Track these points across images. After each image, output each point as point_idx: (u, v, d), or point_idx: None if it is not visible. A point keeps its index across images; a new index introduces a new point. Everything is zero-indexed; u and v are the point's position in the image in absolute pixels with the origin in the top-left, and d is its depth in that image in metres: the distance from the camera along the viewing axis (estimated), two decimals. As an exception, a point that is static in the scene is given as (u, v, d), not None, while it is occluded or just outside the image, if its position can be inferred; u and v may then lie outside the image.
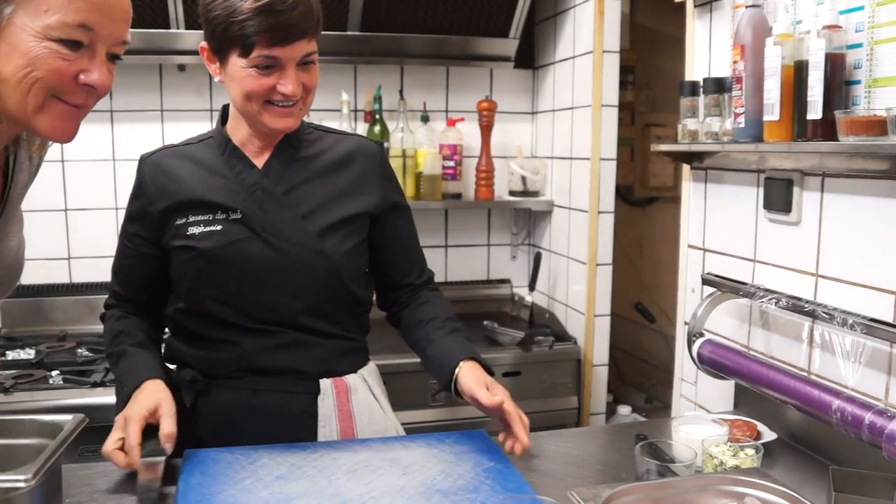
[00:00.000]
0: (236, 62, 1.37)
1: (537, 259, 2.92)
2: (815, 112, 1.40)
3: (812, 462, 1.49)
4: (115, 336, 1.54)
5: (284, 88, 1.37)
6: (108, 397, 2.04)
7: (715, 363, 1.69)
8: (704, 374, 1.78)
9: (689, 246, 2.04)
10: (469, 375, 1.41)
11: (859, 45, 1.41)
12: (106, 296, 2.66)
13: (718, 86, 1.76)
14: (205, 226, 1.45)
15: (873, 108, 1.37)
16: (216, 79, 1.45)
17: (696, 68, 1.99)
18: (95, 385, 2.09)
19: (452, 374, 1.43)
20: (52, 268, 2.74)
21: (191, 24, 2.50)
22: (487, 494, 1.23)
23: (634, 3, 3.36)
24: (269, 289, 1.45)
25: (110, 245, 2.74)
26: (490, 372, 1.47)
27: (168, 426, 1.34)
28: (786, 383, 1.47)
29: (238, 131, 1.50)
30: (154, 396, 1.38)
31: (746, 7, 1.59)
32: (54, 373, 2.20)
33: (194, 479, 1.29)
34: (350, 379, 1.53)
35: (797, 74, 1.47)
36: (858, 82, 1.41)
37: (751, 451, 1.33)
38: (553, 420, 2.50)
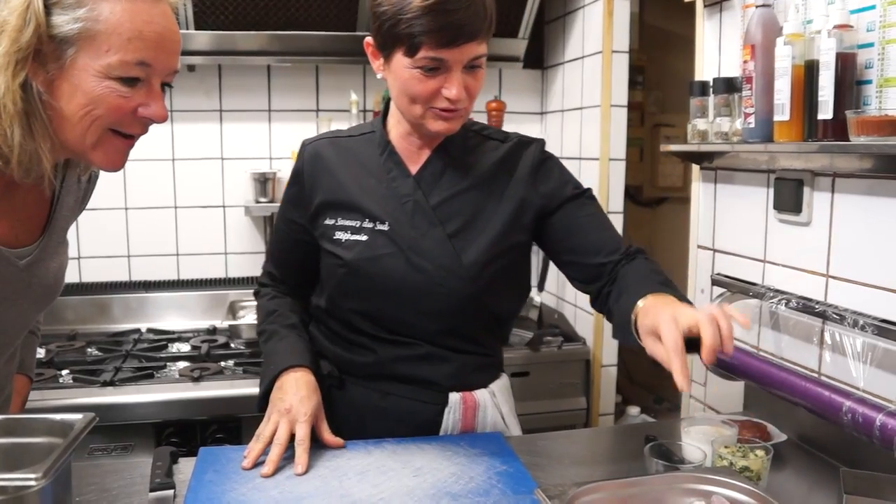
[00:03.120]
0: (401, 61, 1.32)
1: (546, 259, 2.92)
2: (825, 112, 1.39)
3: (822, 464, 1.48)
4: (269, 314, 1.56)
5: (449, 93, 1.31)
6: (117, 396, 2.06)
7: (725, 364, 1.69)
8: (714, 375, 1.78)
9: (699, 246, 2.04)
10: (643, 321, 1.18)
11: (870, 45, 1.40)
12: (114, 295, 2.72)
13: (728, 86, 1.75)
14: (351, 233, 1.43)
15: (885, 107, 1.37)
16: (378, 75, 1.39)
17: (705, 68, 1.98)
18: (105, 384, 2.10)
19: (631, 325, 1.22)
20: (62, 267, 2.75)
21: (200, 25, 2.51)
22: (498, 498, 1.22)
23: (644, 3, 3.36)
24: (407, 307, 1.43)
25: (120, 245, 2.79)
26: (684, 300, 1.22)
27: (329, 436, 1.41)
28: (796, 384, 1.47)
29: (397, 128, 1.46)
30: (316, 398, 1.41)
31: (756, 7, 1.59)
32: (64, 372, 2.22)
33: (207, 476, 1.29)
34: (479, 395, 1.50)
35: (808, 74, 1.46)
36: (870, 82, 1.40)
37: (760, 453, 1.33)
38: (562, 421, 2.50)
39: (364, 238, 1.42)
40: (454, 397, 1.48)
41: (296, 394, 1.39)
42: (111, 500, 1.25)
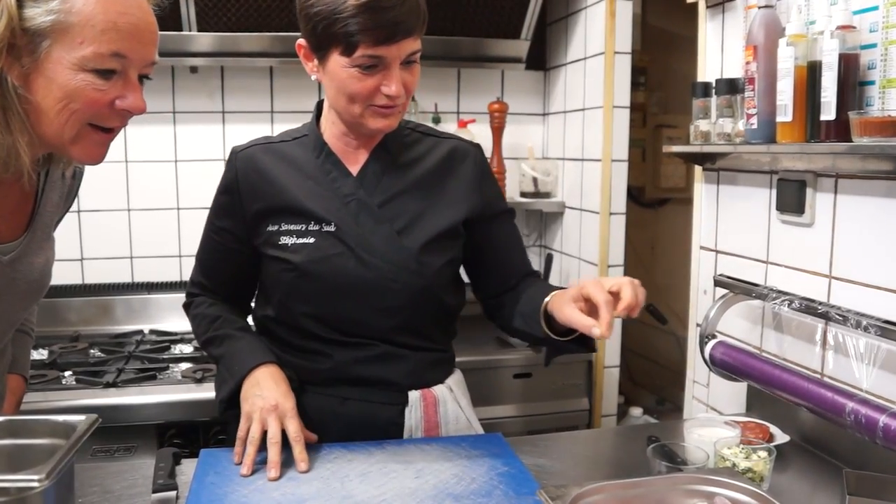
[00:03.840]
0: (338, 61, 1.31)
1: (549, 261, 2.92)
2: (828, 113, 1.39)
3: (825, 465, 1.48)
4: (213, 321, 1.54)
5: (388, 90, 1.32)
6: (120, 398, 2.06)
7: (727, 365, 1.69)
8: (717, 375, 1.77)
9: (702, 247, 2.03)
10: (557, 301, 1.29)
11: (873, 46, 1.40)
12: (116, 296, 2.73)
13: (731, 87, 1.75)
14: (297, 237, 1.42)
15: (887, 108, 1.36)
16: (313, 77, 1.39)
17: (708, 69, 1.98)
18: (108, 385, 2.10)
19: (541, 316, 1.34)
20: (64, 269, 2.75)
21: (203, 27, 2.51)
22: (500, 499, 1.22)
23: (646, 4, 3.35)
24: (361, 306, 1.43)
25: (122, 247, 2.79)
26: None
27: (305, 431, 1.39)
28: (799, 385, 1.46)
29: (332, 129, 1.46)
30: (293, 393, 1.40)
31: (759, 7, 1.59)
32: (67, 373, 2.22)
33: (208, 478, 1.29)
34: (438, 391, 1.51)
35: (810, 75, 1.46)
36: (872, 83, 1.40)
37: (763, 454, 1.33)
38: (564, 422, 2.50)
39: (311, 240, 1.41)
40: (414, 395, 1.48)
41: (276, 389, 1.38)
42: (114, 501, 1.25)
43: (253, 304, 1.62)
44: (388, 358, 1.46)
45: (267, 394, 1.37)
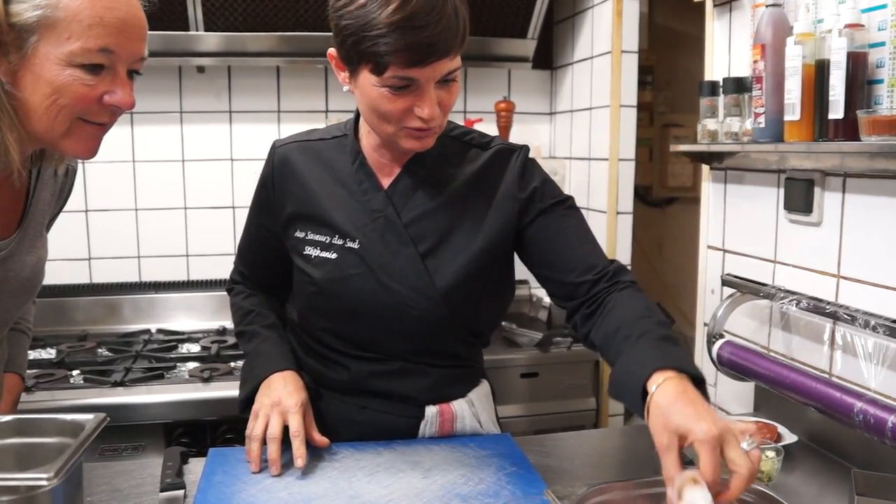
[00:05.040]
0: (368, 78, 1.22)
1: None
2: (836, 112, 1.39)
3: (834, 465, 1.48)
4: (246, 314, 1.54)
5: (421, 112, 1.22)
6: (127, 397, 2.06)
7: (735, 365, 1.68)
8: (724, 375, 1.77)
9: (709, 247, 2.03)
10: (657, 414, 1.03)
11: (882, 44, 1.39)
12: (124, 295, 2.74)
13: (738, 86, 1.75)
14: (321, 249, 1.38)
15: (896, 107, 1.36)
16: (345, 88, 1.31)
17: (715, 68, 1.98)
18: (116, 384, 2.10)
19: (642, 401, 1.08)
20: (72, 268, 2.76)
21: (210, 27, 2.51)
22: (508, 499, 1.22)
23: (653, 3, 3.35)
24: (378, 328, 1.39)
25: (130, 246, 2.80)
26: (699, 381, 1.09)
27: (317, 434, 1.38)
28: (807, 385, 1.46)
29: (368, 138, 1.39)
30: (304, 393, 1.39)
31: (766, 6, 1.58)
32: (75, 372, 2.22)
33: (216, 477, 1.29)
34: (457, 406, 1.47)
35: (818, 74, 1.45)
36: (881, 81, 1.40)
37: (771, 454, 1.32)
38: (571, 421, 2.50)
39: (333, 256, 1.37)
40: (431, 410, 1.45)
41: (284, 388, 1.38)
42: (122, 500, 1.25)
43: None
44: (406, 373, 1.43)
45: (273, 392, 1.38)
